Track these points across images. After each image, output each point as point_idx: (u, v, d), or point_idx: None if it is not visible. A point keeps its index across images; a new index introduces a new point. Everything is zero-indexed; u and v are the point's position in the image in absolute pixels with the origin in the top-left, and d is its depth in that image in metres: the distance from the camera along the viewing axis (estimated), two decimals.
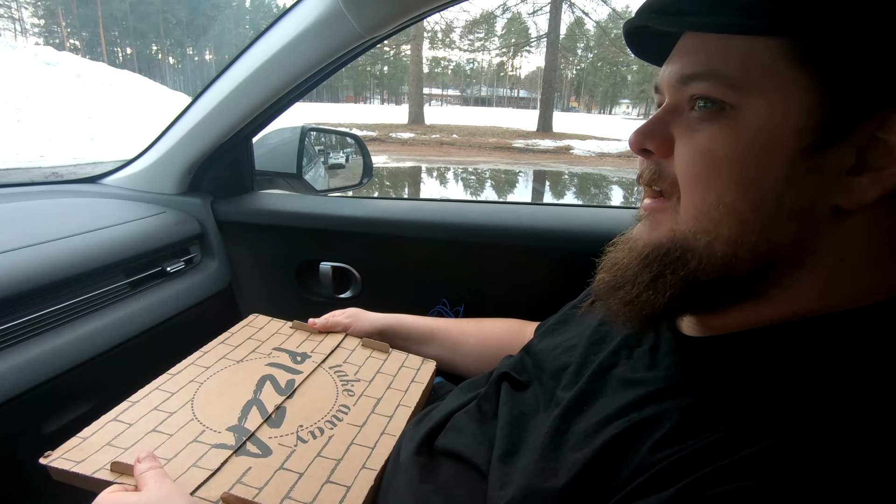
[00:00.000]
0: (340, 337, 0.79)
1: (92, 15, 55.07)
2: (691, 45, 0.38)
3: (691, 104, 0.38)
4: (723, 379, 0.36)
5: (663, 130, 0.40)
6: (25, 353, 0.71)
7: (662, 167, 0.40)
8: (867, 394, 0.31)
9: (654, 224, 0.41)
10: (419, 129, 15.83)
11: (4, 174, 5.92)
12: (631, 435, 0.36)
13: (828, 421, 0.30)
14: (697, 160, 0.37)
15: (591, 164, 11.16)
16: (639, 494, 0.32)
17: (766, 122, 0.34)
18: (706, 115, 0.37)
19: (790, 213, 0.35)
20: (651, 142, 0.40)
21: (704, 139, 0.36)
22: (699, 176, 0.37)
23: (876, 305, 0.35)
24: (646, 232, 0.42)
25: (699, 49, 0.37)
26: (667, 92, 0.41)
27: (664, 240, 0.39)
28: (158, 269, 0.99)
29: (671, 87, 0.40)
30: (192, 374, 0.66)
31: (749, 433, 0.31)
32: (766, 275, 0.37)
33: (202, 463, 0.52)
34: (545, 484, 0.38)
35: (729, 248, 0.36)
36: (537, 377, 0.55)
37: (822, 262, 0.36)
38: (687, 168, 0.37)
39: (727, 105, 0.35)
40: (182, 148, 1.08)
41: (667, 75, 0.40)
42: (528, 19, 28.04)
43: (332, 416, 0.62)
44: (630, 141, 0.42)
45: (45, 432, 0.77)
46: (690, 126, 0.38)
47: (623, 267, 0.42)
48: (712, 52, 0.36)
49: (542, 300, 0.80)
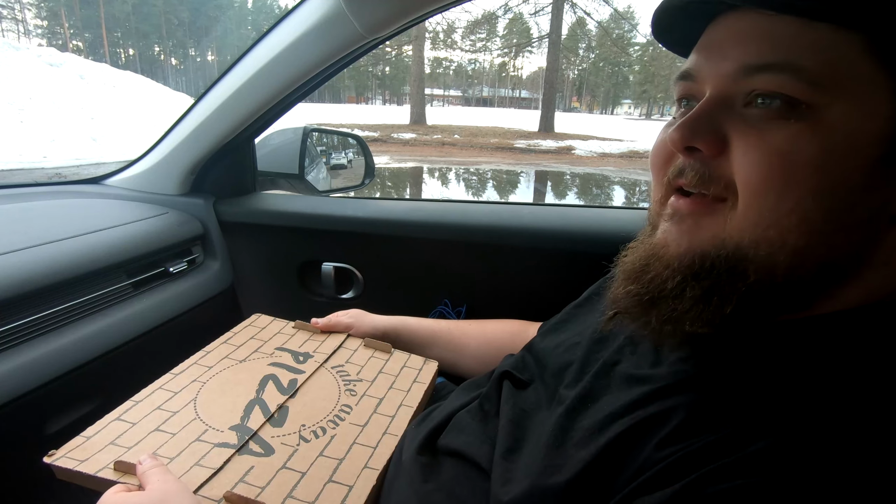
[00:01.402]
0: (343, 337, 0.79)
1: (95, 16, 55.24)
2: (757, 31, 0.33)
3: (749, 99, 0.34)
4: (730, 376, 0.36)
5: (713, 127, 0.35)
6: (29, 354, 0.72)
7: (712, 168, 0.36)
8: (874, 392, 0.31)
9: (693, 229, 0.37)
10: (421, 129, 15.83)
11: (8, 175, 5.94)
12: (636, 432, 0.36)
13: (834, 419, 0.30)
14: (773, 164, 0.32)
15: (593, 164, 11.14)
16: (643, 491, 0.32)
17: (849, 127, 0.31)
18: (774, 112, 0.33)
19: (859, 223, 0.33)
20: (701, 139, 0.36)
21: (782, 141, 0.32)
22: (772, 181, 0.32)
23: (887, 304, 0.35)
24: (682, 238, 0.37)
25: (769, 36, 0.33)
26: (713, 82, 0.36)
27: (709, 248, 0.35)
28: (161, 269, 0.99)
29: (723, 78, 0.35)
30: (195, 373, 0.67)
31: (754, 430, 0.31)
32: (821, 285, 0.35)
33: (205, 462, 0.52)
34: (549, 481, 0.38)
35: (793, 259, 0.33)
36: (539, 375, 0.55)
37: (871, 268, 0.34)
38: (757, 172, 0.33)
39: (802, 104, 0.32)
40: (184, 149, 1.08)
41: (718, 64, 0.36)
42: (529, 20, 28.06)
43: (334, 416, 0.62)
44: (672, 138, 0.37)
45: (49, 432, 0.77)
46: (753, 124, 0.34)
47: (660, 279, 0.38)
48: (789, 41, 0.32)
49: (544, 301, 0.80)
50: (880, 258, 0.34)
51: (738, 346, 0.38)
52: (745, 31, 0.34)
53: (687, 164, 0.37)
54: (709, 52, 0.37)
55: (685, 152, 0.37)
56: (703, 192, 0.37)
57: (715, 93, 0.36)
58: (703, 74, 0.37)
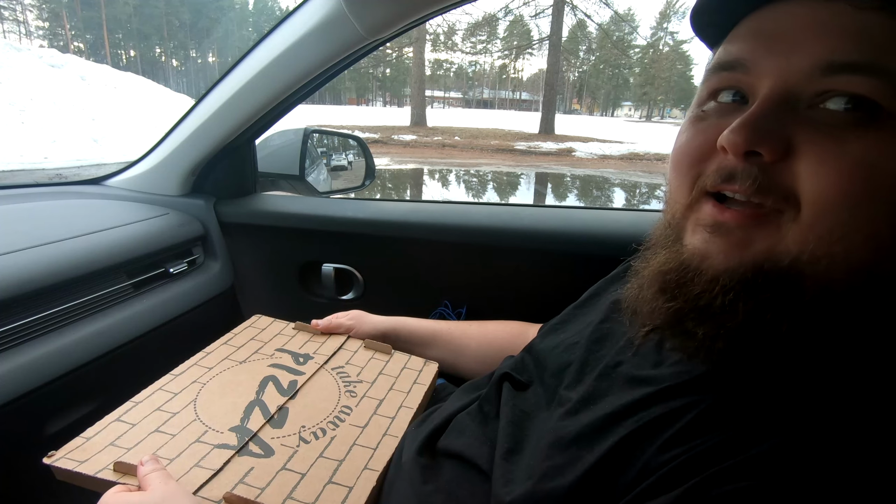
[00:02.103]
0: (343, 338, 0.79)
1: (96, 17, 55.35)
2: (841, 24, 0.30)
3: (819, 100, 0.31)
4: (733, 377, 0.35)
5: (779, 128, 0.31)
6: (29, 354, 0.72)
7: (773, 174, 0.32)
8: (879, 394, 0.30)
9: (745, 241, 0.33)
10: (421, 131, 15.85)
11: (9, 176, 5.95)
12: (640, 435, 0.36)
13: (838, 421, 0.30)
14: (855, 176, 0.29)
15: (594, 166, 11.15)
16: (647, 495, 0.32)
17: None
18: (852, 118, 0.30)
19: None
20: (766, 143, 0.31)
21: (865, 151, 0.29)
22: (851, 196, 0.29)
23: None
24: (732, 252, 0.33)
25: (855, 32, 0.29)
26: (778, 77, 0.32)
27: (763, 261, 0.32)
28: (161, 270, 0.99)
29: (793, 74, 0.31)
30: (195, 374, 0.67)
31: (759, 432, 0.31)
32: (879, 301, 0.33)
33: (205, 463, 0.52)
34: (552, 483, 0.38)
35: (855, 277, 0.31)
36: (538, 376, 0.55)
37: None
38: (836, 184, 0.30)
39: (885, 111, 0.29)
40: (185, 150, 1.08)
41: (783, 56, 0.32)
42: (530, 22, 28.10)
43: (334, 417, 0.62)
44: (731, 141, 0.32)
45: (49, 432, 0.77)
46: (827, 131, 0.30)
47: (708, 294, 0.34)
48: (879, 39, 0.29)
49: (544, 302, 0.80)
50: None
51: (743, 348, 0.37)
52: (824, 22, 0.30)
53: (741, 168, 0.33)
54: (771, 42, 0.33)
55: (743, 156, 0.33)
56: (758, 202, 0.33)
57: (779, 90, 0.32)
58: (762, 67, 0.33)
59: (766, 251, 0.32)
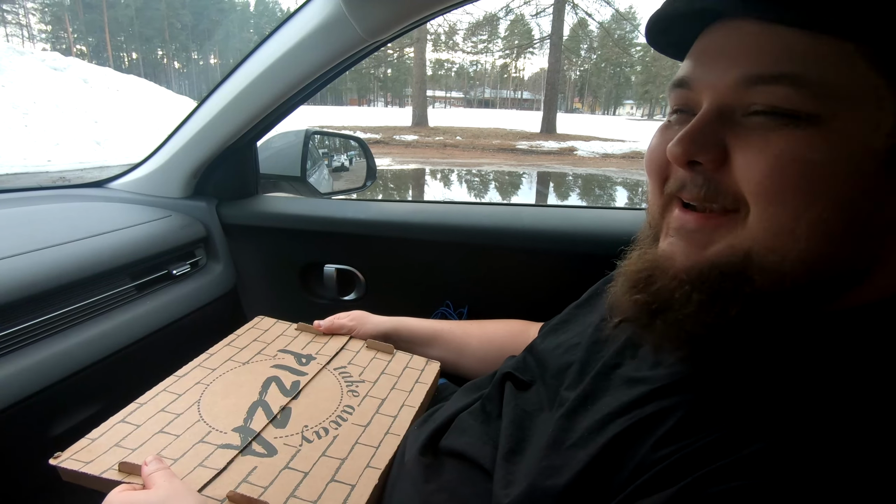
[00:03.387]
0: (345, 339, 0.80)
1: (98, 20, 55.55)
2: (759, 41, 0.33)
3: (751, 110, 0.33)
4: (726, 376, 0.36)
5: (714, 139, 0.34)
6: (34, 356, 0.72)
7: (717, 182, 0.35)
8: (871, 393, 0.31)
9: (704, 242, 0.36)
10: (423, 131, 15.85)
11: (12, 179, 5.97)
12: (633, 432, 0.36)
13: (831, 420, 0.30)
14: (782, 169, 0.32)
15: (595, 165, 11.13)
16: (641, 494, 0.33)
17: (854, 135, 0.31)
18: (777, 122, 0.32)
19: (870, 229, 0.32)
20: (703, 153, 0.35)
21: (787, 147, 0.32)
22: (782, 188, 0.32)
23: (882, 303, 0.34)
24: (692, 251, 0.37)
25: (773, 48, 0.32)
26: (712, 92, 0.35)
27: (720, 258, 0.35)
28: (164, 272, 0.99)
29: (723, 88, 0.34)
30: (199, 375, 0.67)
31: (751, 431, 0.31)
32: (832, 289, 0.34)
33: (208, 462, 0.52)
34: (548, 482, 0.38)
35: (802, 265, 0.33)
36: (540, 377, 0.55)
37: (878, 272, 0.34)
38: (767, 178, 0.32)
39: (805, 115, 0.31)
40: (187, 152, 1.09)
41: (714, 72, 0.35)
42: (531, 21, 28.10)
43: (336, 417, 0.62)
44: (673, 153, 0.36)
45: (55, 434, 0.78)
46: (755, 132, 0.33)
47: (667, 290, 0.37)
48: (794, 52, 0.31)
49: (545, 301, 0.80)
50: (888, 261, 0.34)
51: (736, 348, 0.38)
52: (745, 40, 0.33)
53: (689, 178, 0.36)
54: (705, 61, 0.36)
55: (687, 167, 0.36)
56: (710, 207, 0.36)
57: (714, 103, 0.35)
58: (701, 84, 0.36)
59: (724, 249, 0.35)
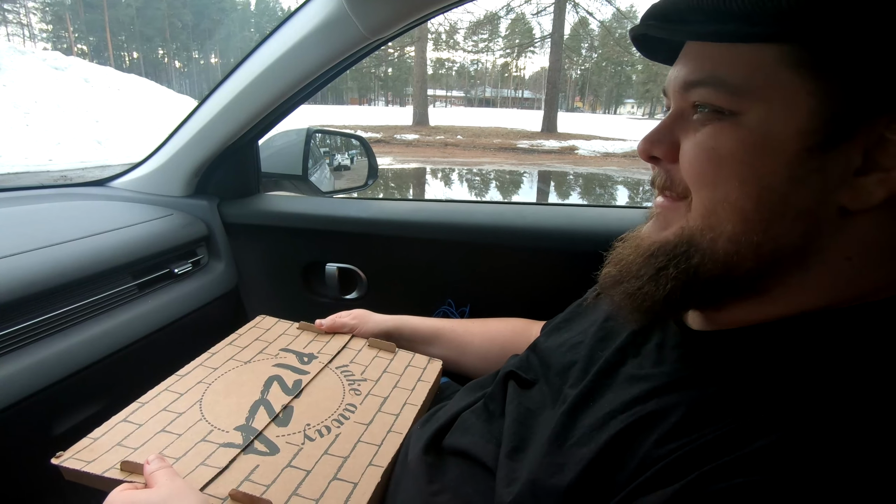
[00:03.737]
0: (347, 338, 0.80)
1: (99, 20, 55.59)
2: (694, 52, 0.39)
3: (694, 109, 0.39)
4: (727, 373, 0.37)
5: (670, 137, 0.41)
6: (36, 355, 0.72)
7: (672, 173, 0.41)
8: (870, 389, 0.31)
9: (665, 223, 0.42)
10: (423, 130, 15.85)
11: (14, 178, 5.99)
12: (635, 429, 0.36)
13: (832, 416, 0.30)
14: (701, 157, 0.37)
15: (596, 164, 11.13)
16: (644, 490, 0.33)
17: (768, 125, 0.34)
18: (707, 118, 0.37)
19: (796, 214, 0.35)
20: (658, 149, 0.41)
21: (705, 137, 0.37)
22: (704, 173, 0.37)
23: (879, 302, 0.35)
24: (655, 231, 0.43)
25: (701, 56, 0.38)
26: (672, 97, 0.41)
27: (672, 237, 0.40)
28: (166, 270, 0.99)
29: (675, 94, 0.40)
30: (201, 375, 0.67)
31: (754, 428, 0.31)
32: (770, 273, 0.37)
33: (210, 461, 0.52)
34: (551, 480, 0.38)
35: (731, 246, 0.37)
36: (543, 375, 0.55)
37: (829, 261, 0.36)
38: (692, 166, 0.38)
39: (726, 111, 0.36)
40: (189, 151, 1.09)
41: (672, 81, 0.41)
42: (532, 20, 28.06)
43: (338, 415, 0.62)
44: (639, 149, 0.43)
45: (57, 433, 0.78)
46: (693, 127, 0.39)
47: (629, 262, 0.43)
48: (715, 59, 0.37)
49: (547, 300, 0.80)
50: (838, 251, 0.35)
51: (736, 344, 0.39)
52: (689, 53, 0.40)
53: (656, 171, 0.43)
54: (671, 72, 0.42)
55: (651, 161, 0.43)
56: (670, 194, 0.42)
57: (675, 106, 0.41)
58: (669, 90, 0.42)
59: (676, 230, 0.40)
